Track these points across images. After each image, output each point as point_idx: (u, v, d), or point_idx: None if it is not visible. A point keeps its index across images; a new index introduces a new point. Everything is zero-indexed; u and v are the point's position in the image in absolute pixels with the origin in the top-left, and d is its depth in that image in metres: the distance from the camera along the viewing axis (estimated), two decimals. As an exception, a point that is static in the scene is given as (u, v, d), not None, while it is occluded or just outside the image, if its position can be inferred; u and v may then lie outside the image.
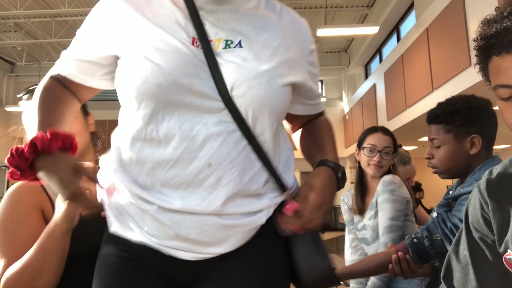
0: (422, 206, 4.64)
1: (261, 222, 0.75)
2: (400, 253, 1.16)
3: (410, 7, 7.06)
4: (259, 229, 0.76)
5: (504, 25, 0.59)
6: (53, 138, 0.68)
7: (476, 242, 0.74)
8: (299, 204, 0.72)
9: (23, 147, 0.67)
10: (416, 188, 6.31)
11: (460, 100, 1.22)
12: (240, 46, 0.73)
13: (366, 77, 9.55)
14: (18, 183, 0.95)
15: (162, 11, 0.74)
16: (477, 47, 0.67)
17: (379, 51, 9.04)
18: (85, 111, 1.05)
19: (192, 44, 0.71)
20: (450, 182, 9.58)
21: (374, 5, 8.19)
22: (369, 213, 1.62)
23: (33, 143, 0.66)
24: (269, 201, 0.76)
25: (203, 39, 0.71)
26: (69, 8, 7.60)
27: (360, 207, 1.68)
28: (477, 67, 0.73)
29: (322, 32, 6.36)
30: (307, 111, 0.89)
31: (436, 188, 6.39)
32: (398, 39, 7.66)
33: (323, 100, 9.07)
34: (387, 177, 1.61)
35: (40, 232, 0.85)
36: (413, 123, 5.85)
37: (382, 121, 7.05)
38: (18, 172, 0.69)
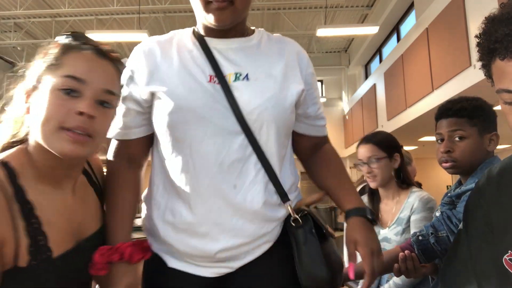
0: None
1: (275, 237, 0.89)
2: (407, 252, 1.17)
3: (410, 7, 7.06)
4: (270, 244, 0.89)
5: (511, 27, 0.56)
6: (139, 251, 0.84)
7: (475, 242, 0.73)
8: (353, 264, 0.87)
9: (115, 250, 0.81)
10: (416, 188, 6.33)
11: (476, 99, 1.23)
12: (248, 79, 0.86)
13: (366, 77, 9.55)
14: None
15: (182, 54, 0.89)
16: (480, 44, 0.65)
17: (379, 51, 9.03)
18: None
19: (210, 81, 0.85)
20: (450, 182, 9.57)
21: (374, 5, 8.19)
22: (395, 228, 1.57)
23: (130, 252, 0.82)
24: (281, 215, 0.90)
25: (219, 76, 0.85)
26: (69, 8, 7.60)
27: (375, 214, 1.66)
28: (477, 67, 0.72)
29: (322, 32, 6.36)
30: (313, 131, 1.00)
31: (436, 188, 6.38)
32: (398, 39, 7.66)
33: (323, 100, 9.08)
34: (423, 195, 1.56)
35: None
36: (413, 123, 5.84)
37: (382, 121, 7.05)
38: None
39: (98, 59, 0.75)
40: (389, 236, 1.59)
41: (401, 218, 1.56)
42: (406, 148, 1.99)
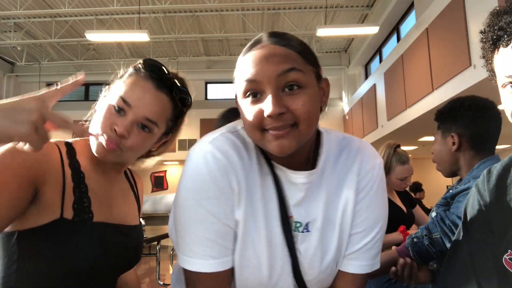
0: (423, 206, 4.66)
1: None
2: (407, 259, 1.17)
3: (410, 7, 7.06)
4: None
5: None
6: None
7: (475, 242, 0.73)
8: None
9: None
10: (416, 188, 6.32)
11: (457, 99, 1.25)
12: (308, 230, 0.75)
13: (366, 77, 9.54)
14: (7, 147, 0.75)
15: (265, 200, 0.74)
16: (484, 39, 0.65)
17: (379, 51, 9.03)
18: None
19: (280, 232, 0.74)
20: (450, 181, 9.56)
21: (374, 5, 8.18)
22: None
23: None
24: None
25: (286, 226, 0.73)
26: (69, 8, 7.59)
27: None
28: (477, 67, 0.72)
29: (322, 32, 6.36)
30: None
31: (436, 187, 6.38)
32: (398, 39, 7.66)
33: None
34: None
35: (14, 201, 0.71)
36: (413, 123, 5.84)
37: (382, 121, 7.05)
38: None
39: (155, 91, 0.86)
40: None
41: None
42: (406, 148, 2.00)
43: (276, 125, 0.66)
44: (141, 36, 6.50)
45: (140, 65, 0.89)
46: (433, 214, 1.23)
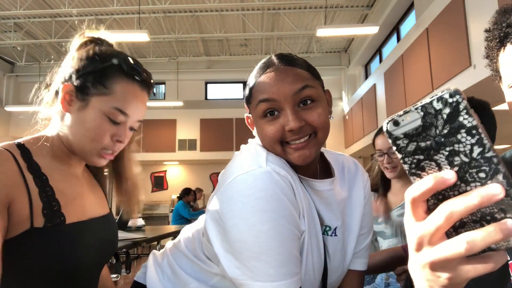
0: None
1: None
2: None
3: (410, 7, 7.06)
4: None
5: None
6: None
7: None
8: None
9: None
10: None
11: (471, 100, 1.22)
12: (335, 235, 0.81)
13: (366, 77, 9.54)
14: None
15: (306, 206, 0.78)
16: (489, 38, 0.64)
17: (379, 51, 9.03)
18: None
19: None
20: (450, 182, 9.56)
21: (374, 5, 8.18)
22: (398, 210, 1.64)
23: None
24: None
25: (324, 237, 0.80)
26: (69, 8, 7.59)
27: (384, 203, 1.71)
28: (477, 67, 0.71)
29: (322, 32, 6.36)
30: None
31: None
32: (398, 39, 7.66)
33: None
34: None
35: None
36: (413, 123, 5.84)
37: (382, 121, 7.04)
38: None
39: (142, 93, 0.87)
40: (392, 217, 1.65)
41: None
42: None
43: (296, 137, 0.74)
44: (141, 36, 6.50)
45: (122, 63, 0.84)
46: None
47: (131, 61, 0.86)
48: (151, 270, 0.93)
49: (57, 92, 0.86)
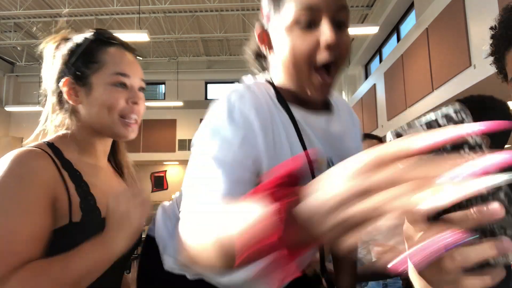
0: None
1: None
2: None
3: (410, 7, 7.06)
4: None
5: None
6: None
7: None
8: None
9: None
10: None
11: (476, 99, 1.18)
12: (333, 164, 0.73)
13: (366, 77, 9.54)
14: (25, 149, 0.75)
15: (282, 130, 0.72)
16: (496, 36, 0.63)
17: (379, 51, 9.03)
18: None
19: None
20: (450, 182, 9.56)
21: (374, 5, 8.19)
22: None
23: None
24: None
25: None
26: (69, 8, 7.60)
27: None
28: (477, 67, 0.70)
29: (322, 32, 6.35)
30: None
31: (436, 188, 6.38)
32: (398, 39, 7.66)
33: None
34: None
35: (45, 228, 0.70)
36: (413, 123, 5.84)
37: (382, 121, 7.05)
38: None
39: (129, 54, 0.89)
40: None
41: None
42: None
43: (329, 59, 0.65)
44: (141, 36, 6.50)
45: (98, 36, 0.88)
46: None
47: (104, 32, 0.90)
48: (159, 222, 0.92)
49: (59, 94, 0.87)
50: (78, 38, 0.88)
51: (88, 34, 0.88)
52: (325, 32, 0.64)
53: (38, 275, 0.65)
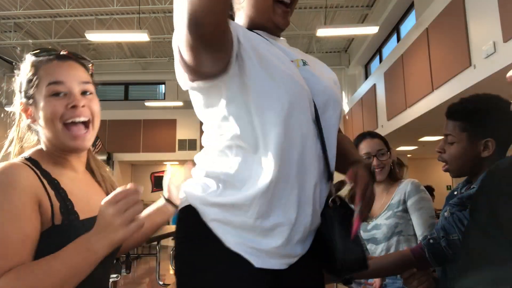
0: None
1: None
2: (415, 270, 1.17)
3: (410, 7, 7.06)
4: None
5: None
6: None
7: (486, 241, 0.73)
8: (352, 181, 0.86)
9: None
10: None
11: (483, 99, 1.17)
12: (309, 66, 0.94)
13: (366, 77, 9.54)
14: (6, 163, 0.81)
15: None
16: None
17: (379, 51, 9.03)
18: None
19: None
20: (450, 182, 9.56)
21: (374, 5, 8.19)
22: (385, 214, 1.65)
23: None
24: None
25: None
26: (69, 8, 7.60)
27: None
28: (477, 67, 0.71)
29: (322, 32, 6.36)
30: None
31: (436, 188, 6.37)
32: (398, 39, 7.66)
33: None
34: (413, 180, 1.68)
35: (34, 232, 0.77)
36: (413, 123, 5.84)
37: (382, 121, 7.05)
38: None
39: (64, 62, 0.92)
40: (380, 222, 1.65)
41: (392, 204, 1.65)
42: (406, 148, 2.01)
43: None
44: (141, 36, 6.50)
45: (36, 55, 0.93)
46: (446, 213, 1.17)
47: (38, 50, 0.94)
48: (188, 186, 0.92)
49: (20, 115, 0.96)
50: (22, 64, 0.95)
51: (29, 55, 0.94)
52: None
53: (21, 278, 0.69)
